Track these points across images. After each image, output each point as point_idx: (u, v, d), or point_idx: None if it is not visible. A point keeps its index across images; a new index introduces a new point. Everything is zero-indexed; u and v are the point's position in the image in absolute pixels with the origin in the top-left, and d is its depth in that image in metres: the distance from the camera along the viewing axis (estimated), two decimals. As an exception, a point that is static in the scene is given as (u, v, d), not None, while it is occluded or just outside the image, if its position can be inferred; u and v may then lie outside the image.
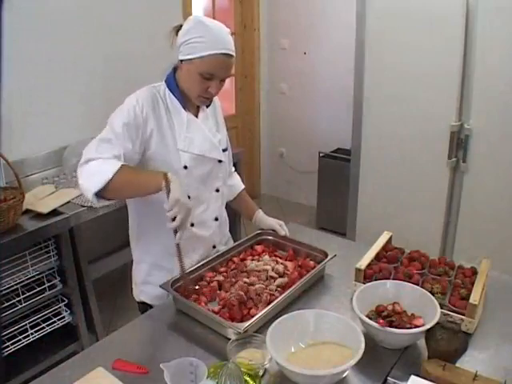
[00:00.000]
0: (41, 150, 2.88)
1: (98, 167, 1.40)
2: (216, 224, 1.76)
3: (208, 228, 1.73)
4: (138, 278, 1.75)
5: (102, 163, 1.41)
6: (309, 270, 1.64)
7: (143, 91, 1.55)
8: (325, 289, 1.64)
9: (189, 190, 1.60)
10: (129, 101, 1.52)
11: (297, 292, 1.55)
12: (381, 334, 1.28)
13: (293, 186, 5.08)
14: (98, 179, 1.39)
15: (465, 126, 2.59)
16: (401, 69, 2.75)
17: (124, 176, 1.40)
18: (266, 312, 1.40)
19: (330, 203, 4.25)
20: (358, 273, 1.57)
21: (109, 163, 1.41)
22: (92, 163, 1.42)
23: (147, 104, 1.52)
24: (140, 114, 1.50)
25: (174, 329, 1.44)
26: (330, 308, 1.48)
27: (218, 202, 1.74)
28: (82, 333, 2.50)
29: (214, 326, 1.40)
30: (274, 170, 5.21)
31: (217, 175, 1.71)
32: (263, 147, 5.15)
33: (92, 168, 1.41)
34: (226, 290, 1.53)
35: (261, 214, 1.91)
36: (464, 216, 2.74)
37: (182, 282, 1.51)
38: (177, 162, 1.57)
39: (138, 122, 1.49)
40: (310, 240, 1.82)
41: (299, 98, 4.74)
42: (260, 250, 1.80)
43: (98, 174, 1.39)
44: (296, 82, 4.72)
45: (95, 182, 1.39)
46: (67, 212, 2.33)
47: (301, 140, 4.85)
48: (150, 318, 1.51)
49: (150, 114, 1.52)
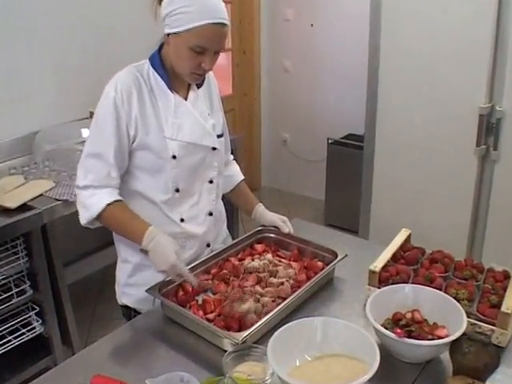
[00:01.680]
0: (6, 135, 2.87)
1: (85, 200, 1.57)
2: (210, 219, 1.76)
3: (200, 224, 1.73)
4: (122, 279, 1.77)
5: (89, 196, 1.56)
6: (316, 272, 1.63)
7: (122, 75, 1.56)
8: (334, 293, 1.63)
9: (177, 182, 1.63)
10: (108, 91, 1.54)
11: (302, 297, 1.55)
12: (398, 345, 1.28)
13: (297, 176, 5.08)
14: (86, 214, 1.57)
15: (496, 109, 2.58)
16: (422, 41, 2.73)
17: (109, 217, 1.56)
18: (268, 320, 1.39)
19: (340, 196, 4.25)
20: (372, 275, 1.57)
21: (97, 198, 1.55)
22: (81, 194, 1.58)
23: (127, 90, 1.53)
24: (121, 104, 1.52)
25: (162, 339, 1.43)
26: (340, 315, 1.48)
27: (211, 194, 1.75)
28: (56, 345, 2.50)
29: (208, 335, 1.39)
30: (276, 158, 5.22)
31: (210, 164, 1.71)
32: (264, 133, 5.15)
33: (81, 199, 1.59)
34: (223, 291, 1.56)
35: (261, 209, 1.91)
36: (494, 211, 2.74)
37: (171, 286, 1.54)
38: (164, 151, 1.58)
39: (122, 117, 1.53)
40: (317, 238, 1.81)
41: (305, 76, 4.73)
42: (260, 250, 1.81)
43: (86, 208, 1.57)
44: (301, 58, 4.71)
45: (84, 216, 1.58)
46: (39, 207, 2.32)
47: (307, 124, 4.85)
48: (135, 327, 1.51)
49: (131, 102, 1.54)
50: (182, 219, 1.68)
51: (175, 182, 1.63)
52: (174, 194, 1.64)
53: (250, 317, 1.42)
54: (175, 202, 1.66)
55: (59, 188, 2.51)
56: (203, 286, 1.59)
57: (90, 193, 1.56)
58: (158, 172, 1.60)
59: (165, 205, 1.64)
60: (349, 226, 3.78)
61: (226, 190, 1.90)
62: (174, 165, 1.60)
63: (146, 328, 1.49)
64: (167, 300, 1.48)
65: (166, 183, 1.62)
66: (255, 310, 1.45)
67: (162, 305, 1.52)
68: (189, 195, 1.68)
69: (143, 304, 1.67)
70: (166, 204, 1.64)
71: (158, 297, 1.49)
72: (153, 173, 1.60)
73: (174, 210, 1.66)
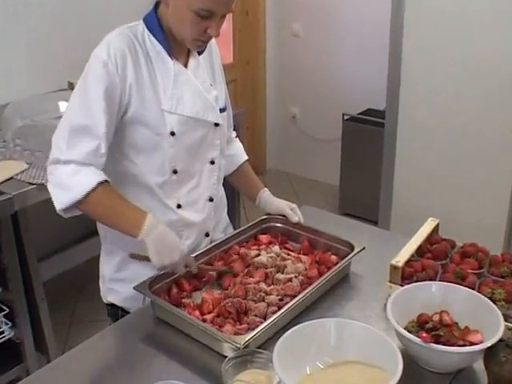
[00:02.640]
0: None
1: (67, 179, 1.49)
2: (210, 206, 1.77)
3: (200, 210, 1.74)
4: (107, 273, 1.78)
5: (72, 174, 1.49)
6: (330, 267, 1.64)
7: (114, 37, 1.54)
8: (350, 291, 1.64)
9: (175, 162, 1.63)
10: (98, 55, 1.52)
11: (313, 295, 1.55)
12: (424, 352, 1.28)
13: (308, 158, 5.09)
14: (66, 196, 1.49)
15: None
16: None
17: (97, 202, 1.50)
18: (274, 322, 1.39)
19: (357, 181, 4.25)
20: (393, 271, 1.56)
21: (82, 175, 1.49)
22: (61, 170, 1.50)
23: (121, 54, 1.52)
24: (114, 70, 1.51)
25: (153, 343, 1.44)
26: (357, 317, 1.48)
27: (212, 177, 1.76)
28: (28, 352, 2.51)
29: (205, 339, 1.40)
30: (283, 137, 5.21)
31: (212, 143, 1.72)
32: (270, 107, 5.14)
33: (60, 178, 1.50)
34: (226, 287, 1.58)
35: (267, 195, 1.92)
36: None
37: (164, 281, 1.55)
38: (161, 126, 1.59)
39: (115, 85, 1.51)
40: (330, 228, 1.81)
41: (317, 42, 4.71)
42: (266, 241, 1.81)
43: (66, 189, 1.49)
44: (313, 22, 4.68)
45: (62, 199, 1.50)
46: (9, 192, 2.32)
47: (319, 98, 4.83)
48: (121, 330, 1.51)
49: (126, 68, 1.53)
50: (178, 205, 1.68)
51: (173, 162, 1.63)
52: (171, 176, 1.64)
53: (254, 318, 1.43)
54: (172, 186, 1.66)
55: (33, 170, 2.50)
56: (218, 271, 1.63)
57: (73, 170, 1.49)
58: (154, 151, 1.60)
59: (160, 189, 1.65)
60: (367, 215, 3.78)
61: (227, 172, 1.91)
62: (171, 142, 1.60)
63: (135, 330, 1.49)
64: (158, 298, 1.49)
65: (163, 163, 1.62)
66: (259, 310, 1.46)
67: (153, 304, 1.52)
68: (187, 177, 1.69)
69: (132, 302, 1.68)
70: (162, 188, 1.65)
71: (147, 295, 1.49)
72: (147, 152, 1.60)
73: (171, 195, 1.67)
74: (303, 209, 1.94)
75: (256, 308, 1.47)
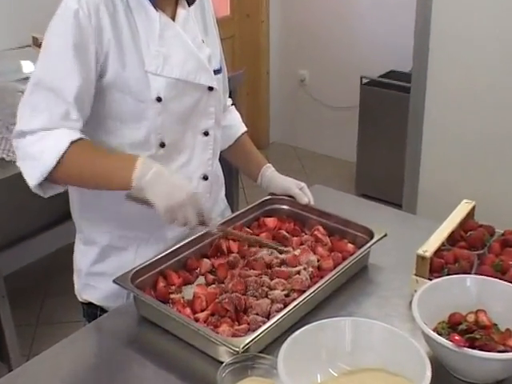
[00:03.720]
0: None
1: (33, 148, 1.50)
2: (204, 185, 1.78)
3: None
4: (84, 266, 1.78)
5: (38, 140, 1.49)
6: (345, 258, 1.64)
7: None
8: (369, 286, 1.65)
9: (163, 134, 1.63)
10: (67, 3, 1.50)
11: (326, 291, 1.55)
12: (456, 358, 1.28)
13: (319, 129, 5.08)
14: (36, 168, 1.49)
15: None
16: None
17: (73, 164, 1.49)
18: (279, 321, 1.39)
19: (378, 156, 4.26)
20: (420, 263, 1.56)
21: (50, 139, 1.49)
22: (26, 141, 1.51)
23: (95, 3, 1.51)
24: (87, 21, 1.50)
25: (136, 347, 1.44)
26: (377, 316, 1.48)
27: (206, 151, 1.76)
28: (-15, 360, 2.54)
29: (198, 342, 1.40)
30: (290, 104, 5.20)
31: (205, 110, 1.72)
32: (274, 69, 5.12)
33: (25, 150, 1.52)
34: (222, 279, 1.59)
35: (271, 172, 1.93)
36: None
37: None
38: (145, 91, 1.58)
39: (88, 38, 1.50)
40: (346, 212, 1.82)
41: (331, -10, 4.69)
42: (271, 226, 1.82)
43: (35, 159, 1.49)
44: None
45: (32, 173, 1.51)
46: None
47: (333, 58, 4.83)
48: (97, 332, 1.52)
49: (101, 19, 1.52)
50: None
51: (160, 133, 1.62)
52: (158, 151, 1.64)
53: (255, 317, 1.43)
54: (159, 161, 1.63)
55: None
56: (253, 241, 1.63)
57: (40, 137, 1.49)
58: (137, 121, 1.60)
59: None
60: (389, 197, 3.79)
61: (222, 147, 1.92)
62: (158, 110, 1.60)
63: (114, 332, 1.49)
64: (142, 293, 1.48)
65: (148, 136, 1.62)
66: (261, 307, 1.46)
67: (136, 300, 1.52)
68: (177, 152, 1.69)
69: (114, 300, 1.69)
70: None
71: (129, 288, 1.49)
72: (130, 122, 1.60)
73: None
74: (314, 189, 1.94)
75: (258, 305, 1.46)
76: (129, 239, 1.73)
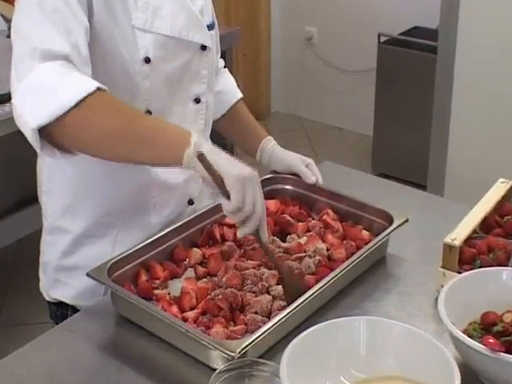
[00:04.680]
0: None
1: (52, 77, 1.38)
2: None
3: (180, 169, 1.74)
4: (52, 259, 1.78)
5: (60, 72, 1.39)
6: (360, 247, 1.64)
7: None
8: (388, 280, 1.65)
9: (150, 101, 1.64)
10: None
11: (337, 285, 1.55)
12: (491, 364, 1.27)
13: (330, 97, 5.08)
14: (51, 102, 1.36)
15: None
16: None
17: (103, 108, 1.41)
18: (281, 321, 1.39)
19: (398, 129, 4.26)
20: (448, 253, 1.56)
21: (75, 76, 1.40)
22: (42, 68, 1.39)
23: None
24: None
25: (114, 352, 1.44)
26: (397, 315, 1.49)
27: (198, 121, 1.77)
28: None
29: (187, 345, 1.40)
30: (295, 67, 5.20)
31: (197, 73, 1.73)
32: (276, 25, 5.13)
33: (40, 79, 1.39)
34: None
35: (272, 146, 1.94)
36: None
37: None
38: (132, 50, 1.59)
39: None
40: (360, 193, 1.83)
41: None
42: (273, 209, 1.82)
43: (52, 91, 1.37)
44: None
45: (45, 107, 1.37)
46: None
47: (345, 12, 4.82)
48: (68, 335, 1.51)
49: None
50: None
51: (147, 99, 1.63)
52: None
53: (253, 316, 1.43)
54: None
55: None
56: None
57: (60, 67, 1.39)
58: (122, 84, 1.60)
59: None
60: (411, 176, 3.79)
61: (214, 116, 1.92)
62: (146, 73, 1.61)
63: (88, 334, 1.49)
64: (121, 289, 1.48)
65: (133, 101, 1.62)
66: (261, 305, 1.47)
67: (114, 297, 1.52)
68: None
69: (89, 298, 1.69)
70: None
71: (106, 283, 1.49)
72: (114, 85, 1.57)
73: None
74: (323, 166, 1.95)
75: (257, 302, 1.47)
76: (107, 226, 1.73)
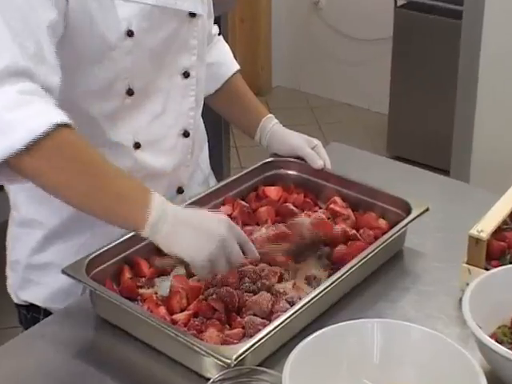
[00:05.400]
0: None
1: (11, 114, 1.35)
2: (185, 144, 1.80)
3: (168, 152, 1.77)
4: (22, 256, 1.78)
5: (12, 105, 1.35)
6: (376, 237, 1.65)
7: None
8: (405, 278, 1.66)
9: (132, 78, 1.64)
10: None
11: (348, 283, 1.56)
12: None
13: (339, 69, 5.10)
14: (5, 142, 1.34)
15: None
16: None
17: (58, 153, 1.39)
18: (284, 324, 1.39)
19: (417, 107, 4.26)
20: (474, 247, 1.56)
21: (29, 107, 1.36)
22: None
23: None
24: None
25: (94, 358, 1.44)
26: (416, 317, 1.50)
27: (187, 98, 1.77)
28: None
29: (177, 351, 1.40)
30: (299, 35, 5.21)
31: (186, 44, 1.73)
32: (278, -13, 5.14)
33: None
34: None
35: (273, 125, 1.94)
36: None
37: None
38: (111, 24, 1.58)
39: None
40: (374, 179, 1.84)
41: None
42: (274, 197, 1.83)
43: (3, 131, 1.34)
44: None
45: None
46: None
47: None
48: (42, 339, 1.51)
49: None
50: (136, 144, 1.70)
51: (128, 77, 1.63)
52: (125, 100, 1.65)
53: (252, 319, 1.43)
54: (126, 114, 1.67)
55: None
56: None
57: (13, 98, 1.35)
58: (98, 62, 1.59)
59: (108, 119, 1.66)
60: (432, 160, 3.81)
61: (207, 91, 1.93)
62: (128, 48, 1.60)
63: (64, 338, 1.49)
64: (102, 287, 1.48)
65: (112, 81, 1.62)
66: (261, 306, 1.47)
67: (93, 297, 1.52)
68: (149, 100, 1.70)
69: (63, 300, 1.68)
70: (110, 118, 1.66)
71: (84, 281, 1.48)
72: (90, 64, 1.59)
73: (124, 128, 1.68)
74: (331, 148, 1.95)
75: (256, 303, 1.47)
76: (85, 218, 1.67)
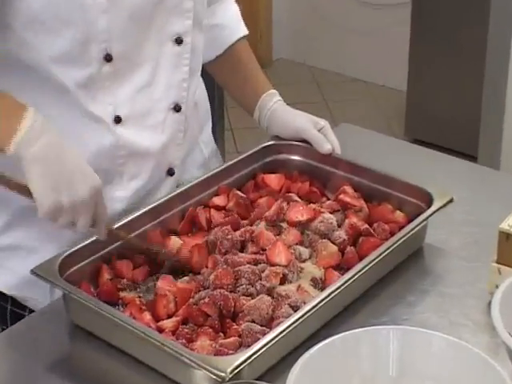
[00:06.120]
0: None
1: None
2: (175, 120, 1.80)
3: (155, 128, 1.77)
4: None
5: None
6: (392, 232, 1.66)
7: None
8: (425, 279, 1.67)
9: (110, 42, 1.63)
10: None
11: (360, 285, 1.56)
12: None
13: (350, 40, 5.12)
14: None
15: None
16: None
17: None
18: (286, 333, 1.38)
19: (440, 83, 4.28)
20: (504, 243, 1.56)
21: None
22: None
23: None
24: None
25: (68, 370, 1.45)
26: (438, 324, 1.51)
27: (179, 67, 1.78)
28: None
29: (163, 363, 1.40)
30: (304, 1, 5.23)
31: (178, 5, 1.72)
32: None
33: None
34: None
35: (275, 102, 1.96)
36: None
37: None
38: None
39: None
40: (390, 165, 1.86)
41: None
42: (275, 186, 1.84)
43: None
44: None
45: None
46: None
47: None
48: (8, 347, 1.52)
49: None
50: (117, 118, 1.70)
51: (105, 40, 1.61)
52: (103, 67, 1.64)
53: (249, 326, 1.43)
54: (104, 84, 1.67)
55: None
56: (150, 249, 1.63)
57: None
58: (68, 22, 1.58)
59: (83, 89, 1.65)
60: (456, 144, 3.85)
61: (207, 57, 1.94)
62: (103, 6, 1.58)
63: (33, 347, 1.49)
64: (77, 290, 1.48)
65: (85, 45, 1.61)
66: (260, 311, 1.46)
67: (67, 302, 1.52)
68: (132, 68, 1.70)
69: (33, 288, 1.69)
70: (86, 87, 1.65)
71: (56, 283, 1.48)
72: (58, 25, 1.58)
73: (102, 100, 1.68)
74: (340, 129, 1.97)
75: (254, 308, 1.47)
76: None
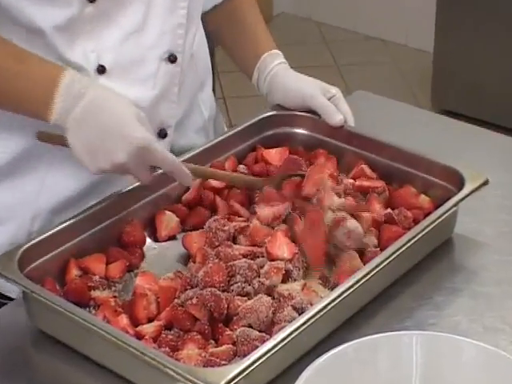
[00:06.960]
0: None
1: None
2: (169, 71, 1.85)
3: (144, 80, 1.82)
4: None
5: None
6: (416, 220, 1.69)
7: None
8: (455, 275, 1.69)
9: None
10: None
11: (379, 282, 1.58)
12: None
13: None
14: None
15: None
16: None
17: None
18: (289, 340, 1.38)
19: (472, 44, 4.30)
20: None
21: None
22: None
23: None
24: None
25: None
26: (471, 329, 1.53)
27: (175, 11, 1.83)
28: None
29: (143, 375, 1.40)
30: None
31: None
32: None
33: None
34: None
35: (276, 65, 2.00)
36: None
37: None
38: None
39: None
40: (412, 140, 1.86)
41: None
42: (277, 162, 1.88)
43: None
44: None
45: None
46: None
47: None
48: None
49: None
50: (100, 67, 1.73)
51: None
52: (85, 8, 1.67)
53: (245, 331, 1.42)
54: (86, 27, 1.70)
55: None
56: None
57: None
58: None
59: (62, 33, 1.67)
60: (493, 117, 3.88)
61: (204, 7, 1.99)
62: None
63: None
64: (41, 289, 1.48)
65: None
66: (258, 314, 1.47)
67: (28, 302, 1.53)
68: (118, 10, 1.74)
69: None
70: (65, 31, 1.68)
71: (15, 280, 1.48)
72: None
73: (83, 45, 1.71)
74: (354, 97, 1.97)
75: (251, 310, 1.47)
76: (36, 155, 1.75)
